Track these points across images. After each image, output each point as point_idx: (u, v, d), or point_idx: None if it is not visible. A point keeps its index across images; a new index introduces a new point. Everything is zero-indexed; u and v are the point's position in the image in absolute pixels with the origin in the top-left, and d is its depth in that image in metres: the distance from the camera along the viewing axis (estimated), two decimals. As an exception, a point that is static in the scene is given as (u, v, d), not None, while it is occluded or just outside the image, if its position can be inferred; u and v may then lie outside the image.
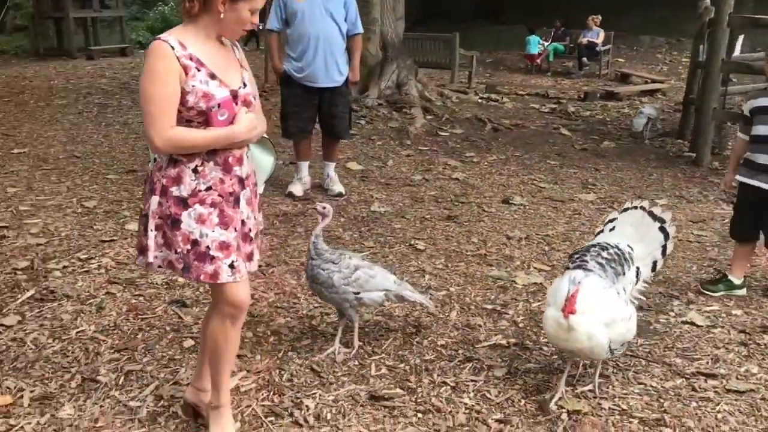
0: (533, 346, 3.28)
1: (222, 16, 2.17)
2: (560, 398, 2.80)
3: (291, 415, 2.71)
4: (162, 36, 2.19)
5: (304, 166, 5.48)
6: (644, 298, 3.33)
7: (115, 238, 4.48)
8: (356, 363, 3.09)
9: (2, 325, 3.32)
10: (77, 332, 3.29)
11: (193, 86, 2.15)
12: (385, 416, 2.72)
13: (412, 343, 3.28)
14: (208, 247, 2.23)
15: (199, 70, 2.17)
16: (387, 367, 3.08)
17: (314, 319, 3.49)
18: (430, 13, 23.88)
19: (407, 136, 7.72)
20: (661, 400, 2.83)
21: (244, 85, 2.30)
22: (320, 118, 5.36)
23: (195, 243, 2.23)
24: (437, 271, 4.10)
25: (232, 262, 2.26)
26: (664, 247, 3.01)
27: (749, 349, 3.27)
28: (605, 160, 7.03)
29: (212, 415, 2.50)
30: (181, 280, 3.80)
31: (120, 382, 2.89)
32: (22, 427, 2.58)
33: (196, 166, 2.22)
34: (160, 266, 2.31)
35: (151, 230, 2.26)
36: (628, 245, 2.93)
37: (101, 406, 2.72)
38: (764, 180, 3.71)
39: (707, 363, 3.13)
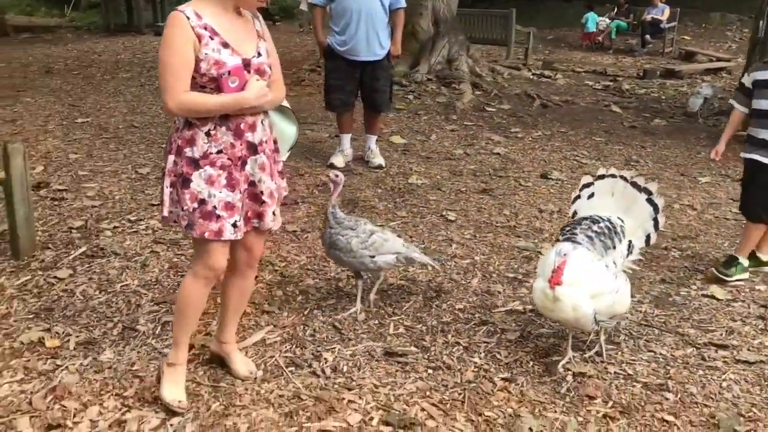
0: (549, 313, 3.37)
1: None
2: (568, 361, 2.90)
3: (310, 366, 2.90)
4: (180, 7, 2.34)
5: (346, 138, 5.65)
6: (637, 269, 3.35)
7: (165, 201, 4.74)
8: (376, 322, 3.26)
9: (56, 277, 3.61)
10: (122, 286, 3.55)
11: (206, 54, 2.29)
12: (397, 371, 2.88)
13: (431, 306, 3.42)
14: (214, 206, 2.38)
15: (212, 39, 2.31)
16: (405, 326, 3.23)
17: (341, 282, 3.66)
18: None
19: (454, 111, 7.80)
20: (668, 368, 2.91)
21: (259, 54, 2.42)
22: (362, 91, 5.50)
23: (202, 202, 2.38)
24: (464, 241, 4.22)
25: (235, 221, 2.42)
26: (656, 220, 3.02)
27: (767, 323, 3.28)
28: (653, 138, 6.96)
29: (167, 372, 2.62)
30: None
31: (157, 332, 3.13)
32: (66, 367, 2.83)
33: (209, 129, 2.37)
34: (175, 221, 2.49)
35: (167, 187, 2.44)
36: (619, 218, 2.97)
37: (138, 352, 2.96)
38: (762, 154, 3.63)
39: (721, 334, 3.17)
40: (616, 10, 16.04)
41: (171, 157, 2.43)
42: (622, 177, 3.07)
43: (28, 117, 7.19)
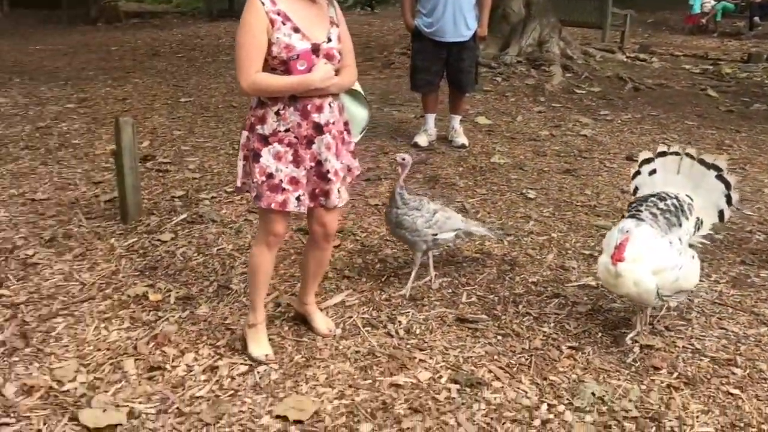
0: (622, 288, 3.42)
1: None
2: (637, 334, 2.96)
3: (384, 327, 3.09)
4: None
5: (431, 118, 5.79)
6: (707, 243, 3.33)
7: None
8: (449, 291, 3.41)
9: (159, 240, 3.95)
10: (217, 249, 3.85)
11: (277, 38, 2.46)
12: (467, 336, 3.02)
13: (504, 279, 3.54)
14: (281, 180, 2.58)
15: (284, 24, 2.47)
16: (477, 296, 3.37)
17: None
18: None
19: (542, 93, 7.79)
20: (738, 345, 2.92)
21: (329, 40, 2.55)
22: (447, 72, 5.61)
23: (270, 176, 2.58)
24: (543, 218, 4.29)
25: (299, 195, 2.61)
26: (728, 196, 2.99)
27: None
28: (750, 123, 6.73)
29: (249, 333, 2.87)
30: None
31: (248, 291, 3.39)
32: (167, 319, 3.13)
33: (278, 109, 2.55)
34: (247, 191, 2.71)
35: (240, 160, 2.67)
36: (687, 195, 2.96)
37: (230, 308, 3.24)
38: None
39: (798, 316, 3.14)
40: (722, -9, 15.36)
41: (245, 133, 2.64)
42: (688, 155, 3.06)
43: (136, 96, 7.73)
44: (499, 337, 3.01)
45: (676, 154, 3.08)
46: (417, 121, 6.41)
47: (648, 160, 3.13)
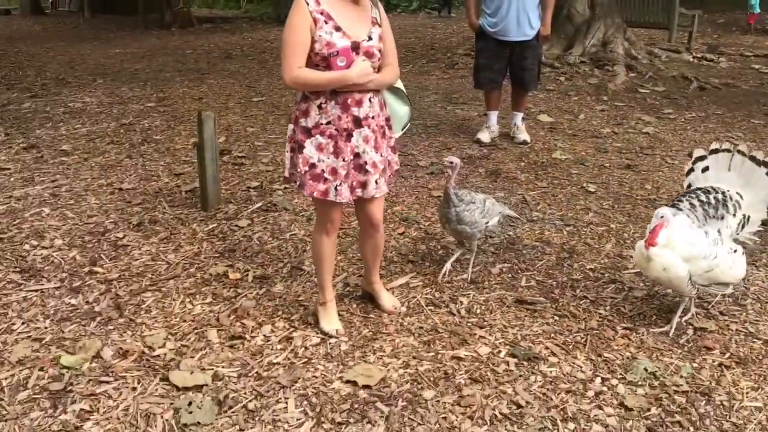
0: (678, 276, 3.53)
1: None
2: (691, 317, 3.07)
3: (447, 306, 3.28)
4: None
5: (493, 115, 5.95)
6: (758, 240, 3.34)
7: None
8: (509, 276, 3.58)
9: (237, 225, 4.24)
10: (290, 234, 4.12)
11: (320, 36, 2.64)
12: (525, 316, 3.19)
13: (563, 265, 3.68)
14: (323, 170, 2.77)
15: (326, 23, 2.64)
16: (536, 281, 3.53)
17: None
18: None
19: (605, 92, 7.83)
20: (792, 329, 3.00)
21: (369, 38, 2.71)
22: (510, 70, 5.77)
23: (312, 166, 2.77)
24: (602, 210, 4.41)
25: (337, 185, 2.78)
26: None
27: None
28: (820, 121, 6.64)
29: (320, 310, 3.10)
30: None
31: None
32: (245, 295, 3.40)
33: (321, 103, 2.73)
34: (295, 181, 2.92)
35: (287, 151, 2.89)
36: (738, 193, 3.01)
37: (303, 287, 3.49)
38: None
39: None
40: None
41: (291, 126, 2.86)
42: (739, 152, 3.09)
43: (212, 95, 8.15)
44: (557, 318, 3.17)
45: (728, 151, 3.12)
46: (480, 119, 6.57)
47: (701, 158, 3.18)
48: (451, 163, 3.40)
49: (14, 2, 24.19)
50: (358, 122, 2.77)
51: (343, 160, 2.78)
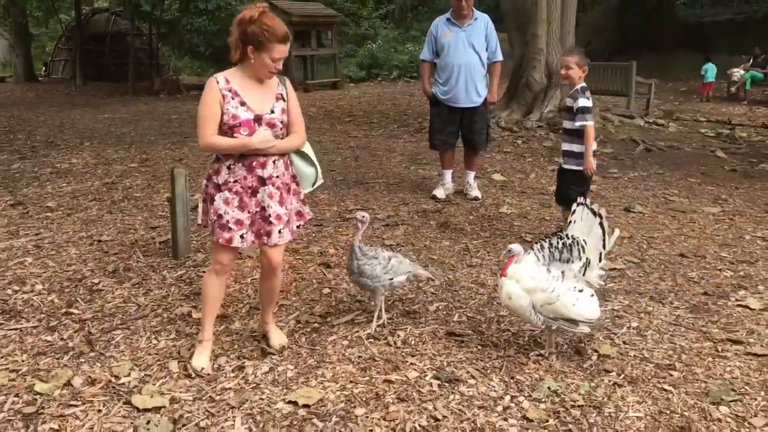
0: (593, 312, 3.95)
1: (252, 61, 3.10)
2: (547, 353, 3.45)
3: (385, 339, 3.68)
4: (217, 74, 3.19)
5: (448, 173, 6.47)
6: (603, 284, 3.74)
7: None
8: (444, 312, 3.99)
9: (204, 272, 4.63)
10: (252, 279, 4.52)
11: (227, 109, 3.11)
12: (453, 346, 3.59)
13: (493, 303, 4.10)
14: (227, 221, 3.19)
15: (233, 99, 3.12)
16: (467, 316, 3.94)
17: (421, 284, 4.43)
18: (634, 41, 23.87)
19: (557, 154, 8.37)
20: (682, 354, 3.42)
21: (272, 111, 3.17)
22: (462, 133, 6.31)
23: (220, 216, 3.20)
24: (536, 257, 4.85)
25: (242, 234, 3.22)
26: (604, 240, 3.40)
27: (791, 328, 3.67)
28: (751, 181, 7.19)
29: (197, 346, 3.44)
30: (331, 250, 4.98)
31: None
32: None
33: (230, 164, 3.18)
34: (206, 226, 3.36)
35: (200, 202, 3.35)
36: (584, 239, 3.41)
37: (259, 324, 3.85)
38: None
39: (741, 334, 3.62)
40: (751, 60, 15.84)
41: (204, 181, 3.33)
42: (582, 204, 3.49)
43: (191, 156, 8.65)
44: (480, 347, 3.57)
45: (580, 204, 3.51)
46: (438, 177, 7.08)
47: (573, 212, 3.55)
48: (363, 218, 3.74)
49: (9, 70, 24.97)
50: (262, 181, 3.21)
51: (248, 213, 3.22)
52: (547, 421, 2.91)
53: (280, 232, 3.28)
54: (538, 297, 3.31)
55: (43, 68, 25.33)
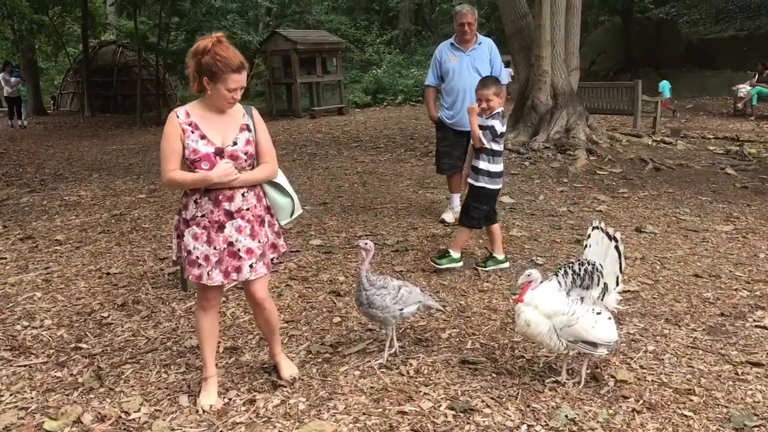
0: (608, 336, 3.89)
1: (209, 92, 3.04)
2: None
3: (398, 368, 3.62)
4: (178, 108, 3.13)
5: (456, 197, 6.44)
6: (620, 308, 3.67)
7: (300, 249, 5.74)
8: (457, 339, 3.93)
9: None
10: (261, 309, 4.48)
11: (188, 143, 3.03)
12: (467, 374, 3.53)
13: (506, 329, 4.04)
14: (197, 257, 3.11)
15: (193, 133, 3.05)
16: (480, 343, 3.88)
17: (431, 310, 4.38)
18: (638, 60, 23.94)
19: (566, 175, 8.36)
20: (702, 378, 3.35)
21: (234, 143, 3.09)
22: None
23: (189, 252, 3.13)
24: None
25: (209, 270, 3.11)
26: (620, 264, 3.35)
27: (811, 349, 3.60)
28: (763, 198, 7.12)
29: (202, 385, 3.37)
30: (340, 277, 4.94)
31: (285, 342, 4.00)
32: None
33: (196, 198, 3.11)
34: (177, 263, 3.33)
35: (174, 238, 3.26)
36: (601, 264, 3.36)
37: (269, 355, 3.82)
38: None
39: (761, 356, 3.55)
40: (756, 76, 15.81)
41: (177, 217, 3.26)
42: (598, 228, 3.44)
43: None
44: (494, 375, 3.50)
45: (596, 228, 3.45)
46: (446, 201, 7.06)
47: (589, 236, 3.51)
48: (366, 245, 3.63)
49: (17, 104, 25.21)
50: (230, 215, 3.13)
51: (215, 249, 3.12)
52: (565, 450, 2.84)
53: (251, 266, 3.17)
54: (559, 320, 3.25)
55: (52, 102, 25.59)
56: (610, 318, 3.32)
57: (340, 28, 28.14)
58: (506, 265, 5.11)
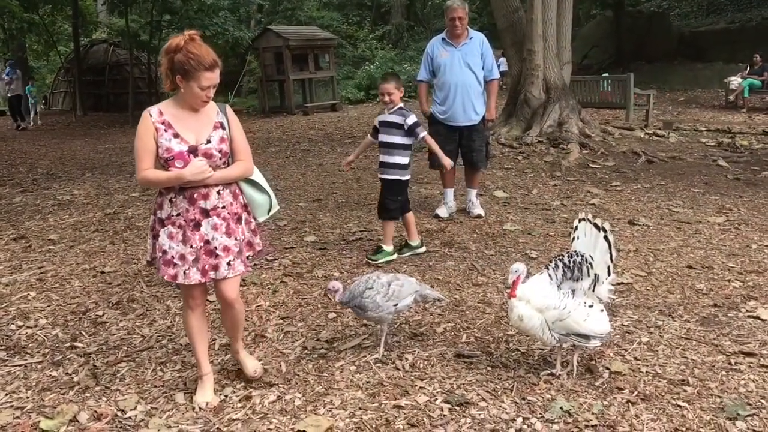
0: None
1: (182, 90, 3.02)
2: (555, 372, 3.41)
3: (393, 363, 3.63)
4: (150, 107, 3.11)
5: (449, 192, 6.45)
6: (613, 298, 3.69)
7: (295, 246, 5.74)
8: (452, 333, 3.95)
9: (208, 300, 4.57)
10: (256, 306, 4.49)
11: (161, 142, 3.02)
12: (462, 368, 3.54)
13: (501, 323, 4.06)
14: (172, 256, 3.09)
15: (166, 131, 3.03)
16: (475, 337, 3.90)
17: (427, 304, 4.39)
18: (630, 53, 23.95)
19: (559, 169, 8.38)
20: (695, 369, 3.37)
21: (208, 141, 3.07)
22: (461, 151, 6.30)
23: (165, 252, 3.10)
24: (542, 274, 4.81)
25: (186, 270, 3.09)
26: (610, 254, 3.34)
27: (804, 338, 3.62)
28: (754, 189, 7.16)
29: (198, 383, 3.36)
30: (335, 273, 4.95)
31: (280, 338, 4.01)
32: (212, 361, 3.74)
33: (171, 197, 3.10)
34: (151, 264, 3.26)
35: (150, 239, 3.23)
36: (591, 255, 3.35)
37: (264, 352, 3.83)
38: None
39: (754, 346, 3.57)
40: (748, 68, 15.87)
41: (152, 217, 3.24)
42: (585, 219, 3.43)
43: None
44: (490, 368, 3.52)
45: (582, 219, 3.45)
46: (440, 196, 7.06)
47: (575, 228, 3.50)
48: (333, 287, 3.71)
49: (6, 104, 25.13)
50: (206, 213, 3.11)
51: (191, 247, 3.10)
52: (560, 442, 2.86)
53: (229, 264, 3.16)
54: (550, 314, 3.27)
55: (43, 101, 25.47)
56: (602, 310, 3.33)
57: (332, 24, 28.07)
58: (422, 250, 5.41)
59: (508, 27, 10.58)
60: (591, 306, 3.30)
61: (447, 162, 5.45)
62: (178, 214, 3.11)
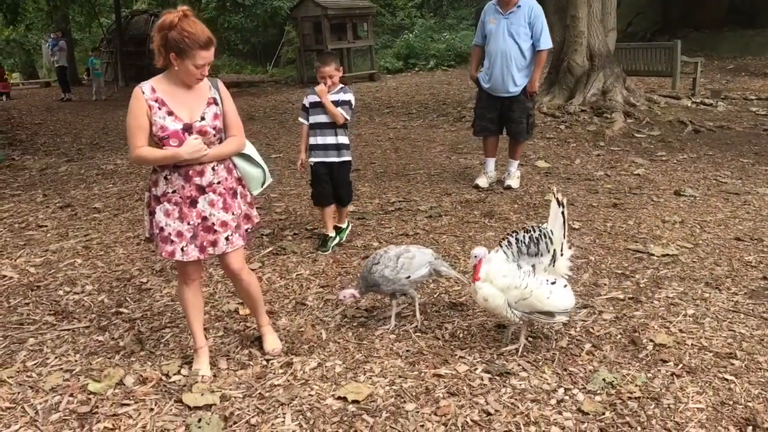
0: (646, 300, 3.84)
1: (176, 68, 2.96)
2: (521, 346, 3.36)
3: (433, 332, 3.63)
4: (143, 83, 3.04)
5: (490, 161, 6.37)
6: (572, 273, 3.62)
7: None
8: (492, 304, 3.91)
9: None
10: (296, 275, 4.52)
11: (155, 120, 2.97)
12: (502, 338, 3.52)
13: (542, 294, 4.01)
14: (169, 233, 3.08)
15: (160, 109, 2.98)
16: (516, 307, 3.86)
17: (467, 273, 4.36)
18: (677, 20, 23.22)
19: (602, 138, 8.21)
20: (743, 342, 3.29)
21: (202, 118, 3.03)
22: (502, 121, 6.20)
23: (161, 229, 3.09)
24: (584, 245, 4.74)
25: (183, 246, 3.09)
26: (564, 230, 3.26)
27: None
28: (808, 159, 6.92)
29: (194, 356, 3.38)
30: (374, 243, 4.95)
31: (320, 306, 4.03)
32: (253, 328, 3.78)
33: (166, 174, 3.07)
34: (150, 240, 3.26)
35: (146, 215, 3.21)
36: (551, 230, 3.28)
37: (305, 319, 3.86)
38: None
39: (805, 320, 3.47)
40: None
41: (147, 194, 3.23)
42: (552, 193, 3.35)
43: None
44: (531, 339, 3.49)
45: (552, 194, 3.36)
46: (480, 166, 6.99)
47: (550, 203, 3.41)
48: (344, 297, 3.70)
49: (54, 75, 25.55)
50: (202, 189, 3.10)
51: (189, 224, 3.10)
52: (603, 413, 2.82)
53: (227, 239, 3.17)
54: (512, 294, 3.23)
55: (86, 72, 25.84)
56: (565, 285, 3.27)
57: (370, -8, 27.81)
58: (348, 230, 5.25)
59: (551, -8, 10.33)
60: (554, 283, 3.24)
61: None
62: (174, 191, 3.10)
